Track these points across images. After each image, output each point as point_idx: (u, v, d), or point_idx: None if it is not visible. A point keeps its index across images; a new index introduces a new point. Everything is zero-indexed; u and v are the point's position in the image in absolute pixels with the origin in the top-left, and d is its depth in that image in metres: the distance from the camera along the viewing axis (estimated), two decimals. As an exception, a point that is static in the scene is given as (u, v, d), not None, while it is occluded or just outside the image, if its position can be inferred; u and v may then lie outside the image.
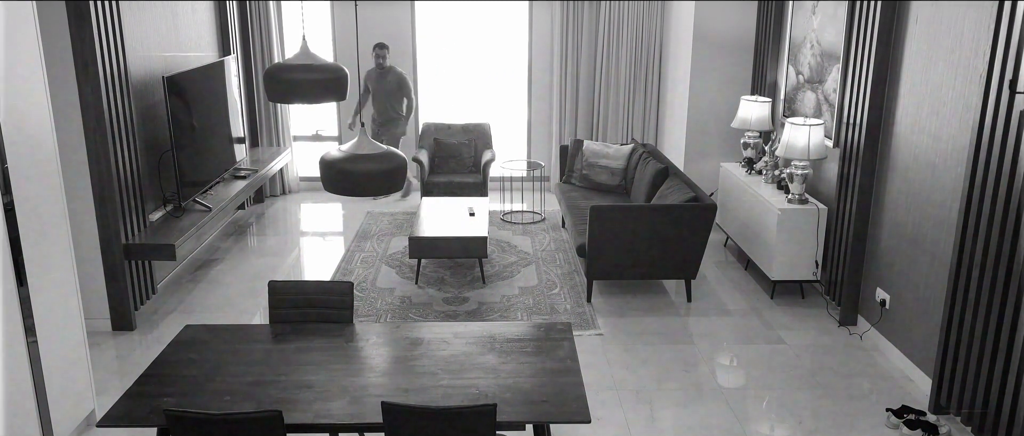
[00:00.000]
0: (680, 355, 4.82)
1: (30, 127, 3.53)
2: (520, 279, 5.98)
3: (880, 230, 4.85)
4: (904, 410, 4.07)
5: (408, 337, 3.47)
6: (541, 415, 2.88)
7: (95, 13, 4.63)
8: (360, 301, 5.51)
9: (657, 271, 5.58)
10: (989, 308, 3.63)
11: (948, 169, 4.14)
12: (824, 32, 5.61)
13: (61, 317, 3.75)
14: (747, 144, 6.40)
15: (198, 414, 2.67)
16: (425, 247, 5.73)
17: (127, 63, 5.07)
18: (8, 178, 3.33)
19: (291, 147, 8.22)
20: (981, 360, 3.70)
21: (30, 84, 3.53)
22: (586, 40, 7.95)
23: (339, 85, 4.07)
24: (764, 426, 4.08)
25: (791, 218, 5.38)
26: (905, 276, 4.57)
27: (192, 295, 5.73)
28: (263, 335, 3.48)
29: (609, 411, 4.17)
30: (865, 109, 4.82)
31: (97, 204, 4.83)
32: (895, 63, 4.66)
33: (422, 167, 7.40)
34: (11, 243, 3.35)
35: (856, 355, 4.82)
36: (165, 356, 3.27)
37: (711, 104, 6.93)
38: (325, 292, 3.69)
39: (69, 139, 4.61)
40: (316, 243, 7.11)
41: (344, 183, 3.36)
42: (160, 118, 5.62)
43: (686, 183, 5.72)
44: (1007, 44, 3.44)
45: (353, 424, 2.82)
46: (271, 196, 8.26)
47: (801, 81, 6.03)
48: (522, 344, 3.39)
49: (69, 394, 3.79)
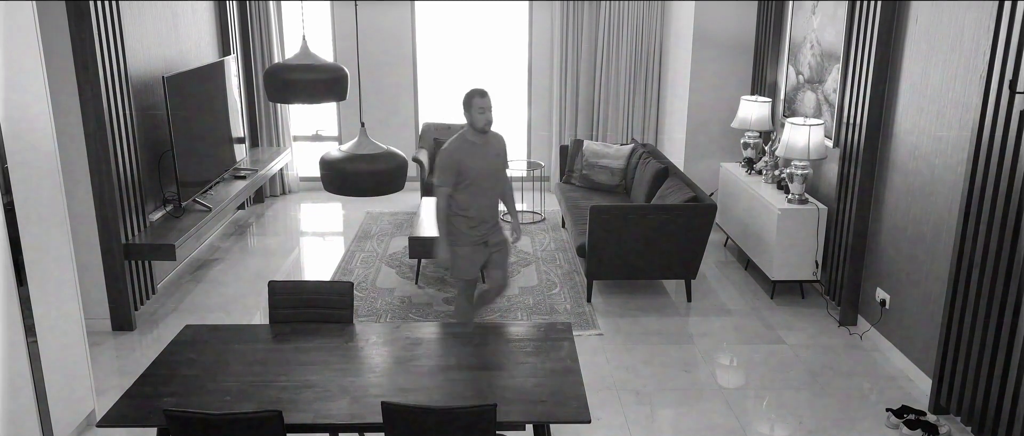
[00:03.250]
0: (680, 355, 4.82)
1: (30, 127, 3.53)
2: (520, 279, 5.98)
3: (880, 230, 4.85)
4: (904, 410, 4.07)
5: (408, 337, 3.47)
6: (541, 415, 2.88)
7: (95, 13, 4.63)
8: (360, 301, 5.51)
9: (657, 271, 5.58)
10: (989, 308, 3.63)
11: (948, 169, 4.14)
12: (824, 32, 5.61)
13: (61, 317, 3.75)
14: (747, 144, 6.40)
15: (198, 414, 2.67)
16: (425, 247, 5.73)
17: (127, 63, 5.07)
18: (8, 178, 3.33)
19: (291, 147, 8.22)
20: (981, 360, 3.70)
21: (30, 84, 3.53)
22: (586, 40, 7.95)
23: (339, 85, 4.08)
24: (764, 426, 4.08)
25: (791, 218, 5.38)
26: (905, 276, 4.57)
27: (192, 295, 5.73)
28: (263, 335, 3.48)
29: (609, 411, 4.17)
30: (865, 109, 4.82)
31: (97, 204, 4.83)
32: (895, 63, 4.66)
33: (422, 167, 7.40)
34: (11, 243, 3.35)
35: (856, 355, 4.82)
36: (165, 356, 3.27)
37: (711, 104, 6.93)
38: (325, 292, 3.69)
39: (69, 139, 4.61)
40: (316, 243, 7.11)
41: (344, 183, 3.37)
42: (160, 118, 5.62)
43: (686, 183, 5.72)
44: (1007, 44, 3.44)
45: (353, 424, 2.81)
46: (271, 196, 8.26)
47: (801, 81, 6.03)
48: (522, 344, 3.39)
49: (69, 394, 3.79)
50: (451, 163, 4.21)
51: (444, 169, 4.24)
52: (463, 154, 4.22)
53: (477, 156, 4.23)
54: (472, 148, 4.23)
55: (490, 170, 4.30)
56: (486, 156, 4.27)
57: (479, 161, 4.23)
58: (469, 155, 4.22)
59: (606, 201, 6.42)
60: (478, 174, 4.24)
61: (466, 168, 4.20)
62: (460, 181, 4.23)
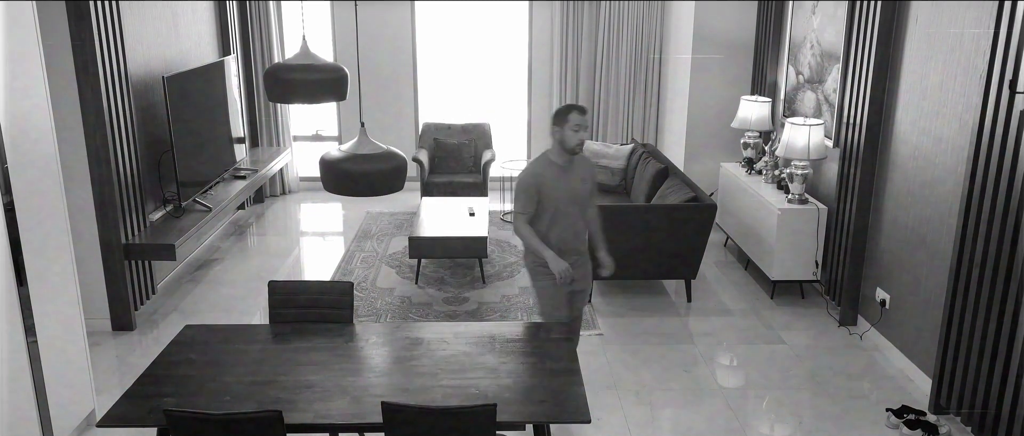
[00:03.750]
0: (680, 355, 4.82)
1: (30, 127, 3.53)
2: (520, 279, 5.97)
3: (880, 230, 4.85)
4: (904, 410, 4.07)
5: (408, 337, 3.47)
6: (541, 415, 2.88)
7: (95, 13, 4.63)
8: (360, 301, 5.51)
9: (657, 271, 5.58)
10: (989, 308, 3.63)
11: (948, 169, 4.14)
12: (824, 32, 5.61)
13: (61, 317, 3.75)
14: (747, 144, 6.40)
15: (198, 414, 2.67)
16: (425, 247, 5.73)
17: (127, 63, 5.07)
18: (8, 178, 3.33)
19: (291, 147, 8.22)
20: (981, 360, 3.70)
21: (30, 84, 3.53)
22: (586, 40, 7.95)
23: (339, 85, 4.08)
24: (764, 426, 4.08)
25: (791, 218, 5.38)
26: (905, 276, 4.57)
27: (192, 295, 5.73)
28: (263, 335, 3.48)
29: (609, 411, 4.17)
30: (865, 109, 4.82)
31: (97, 204, 4.83)
32: (895, 63, 4.66)
33: (422, 167, 7.40)
34: (11, 243, 3.35)
35: (856, 355, 4.82)
36: (165, 356, 3.27)
37: (711, 104, 6.93)
38: (325, 292, 3.69)
39: (69, 139, 4.61)
40: (316, 243, 7.11)
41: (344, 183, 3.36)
42: (160, 118, 5.62)
43: (686, 183, 5.72)
44: (1007, 44, 3.43)
45: (353, 424, 2.81)
46: (271, 196, 8.26)
47: (801, 81, 6.03)
48: (522, 344, 3.39)
49: (69, 394, 3.79)
50: (531, 187, 3.73)
51: (523, 194, 3.76)
52: (546, 177, 3.74)
53: (562, 180, 3.76)
54: (557, 171, 3.76)
55: (576, 196, 3.81)
56: (572, 180, 3.79)
57: (563, 186, 3.76)
58: (552, 179, 3.74)
59: (606, 201, 6.42)
60: (562, 200, 3.76)
61: (548, 193, 3.73)
62: (541, 208, 3.76)
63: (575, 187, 3.80)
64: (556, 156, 3.78)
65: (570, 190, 3.78)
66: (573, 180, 3.80)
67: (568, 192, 3.77)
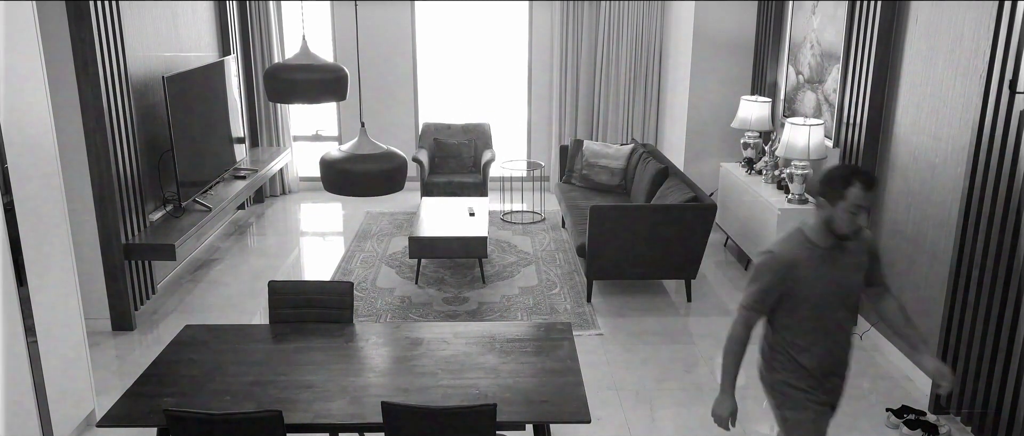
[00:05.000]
0: (680, 355, 4.82)
1: (30, 127, 3.53)
2: (520, 279, 5.98)
3: (880, 230, 4.84)
4: (904, 410, 4.07)
5: (408, 337, 3.47)
6: (541, 415, 2.88)
7: (95, 13, 4.63)
8: (360, 301, 5.51)
9: (657, 271, 5.58)
10: (989, 308, 3.63)
11: (948, 169, 4.14)
12: (824, 32, 5.61)
13: (61, 317, 3.75)
14: (747, 144, 6.40)
15: (198, 414, 2.67)
16: (425, 247, 5.73)
17: (127, 63, 5.07)
18: (8, 178, 3.33)
19: (291, 147, 8.22)
20: (981, 360, 3.70)
21: (30, 84, 3.53)
22: (586, 40, 7.95)
23: (339, 85, 4.08)
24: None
25: (791, 218, 5.37)
26: (905, 276, 4.57)
27: (192, 295, 5.73)
28: (263, 335, 3.48)
29: (609, 411, 4.17)
30: (865, 109, 4.82)
31: (97, 204, 4.83)
32: (895, 63, 4.66)
33: (422, 167, 7.40)
34: (11, 243, 3.35)
35: (856, 355, 4.77)
36: (165, 356, 3.27)
37: (711, 104, 6.93)
38: (325, 292, 3.69)
39: (69, 139, 4.61)
40: (316, 243, 7.11)
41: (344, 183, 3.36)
42: (160, 118, 5.62)
43: (686, 183, 5.72)
44: (1007, 44, 3.44)
45: (353, 424, 2.82)
46: (271, 196, 8.26)
47: (801, 81, 6.03)
48: (522, 344, 3.39)
49: (69, 394, 3.79)
50: (777, 273, 2.66)
51: (764, 277, 2.68)
52: (801, 262, 2.65)
53: (825, 267, 2.66)
54: (818, 255, 2.66)
55: (843, 290, 2.72)
56: (839, 268, 2.69)
57: (827, 276, 2.67)
58: (811, 265, 2.65)
59: (606, 201, 6.42)
60: (823, 296, 2.68)
61: (802, 285, 2.66)
62: (790, 306, 2.70)
63: (846, 276, 2.71)
64: (818, 237, 2.67)
65: (838, 282, 2.69)
66: (845, 269, 2.71)
67: (835, 285, 2.69)
